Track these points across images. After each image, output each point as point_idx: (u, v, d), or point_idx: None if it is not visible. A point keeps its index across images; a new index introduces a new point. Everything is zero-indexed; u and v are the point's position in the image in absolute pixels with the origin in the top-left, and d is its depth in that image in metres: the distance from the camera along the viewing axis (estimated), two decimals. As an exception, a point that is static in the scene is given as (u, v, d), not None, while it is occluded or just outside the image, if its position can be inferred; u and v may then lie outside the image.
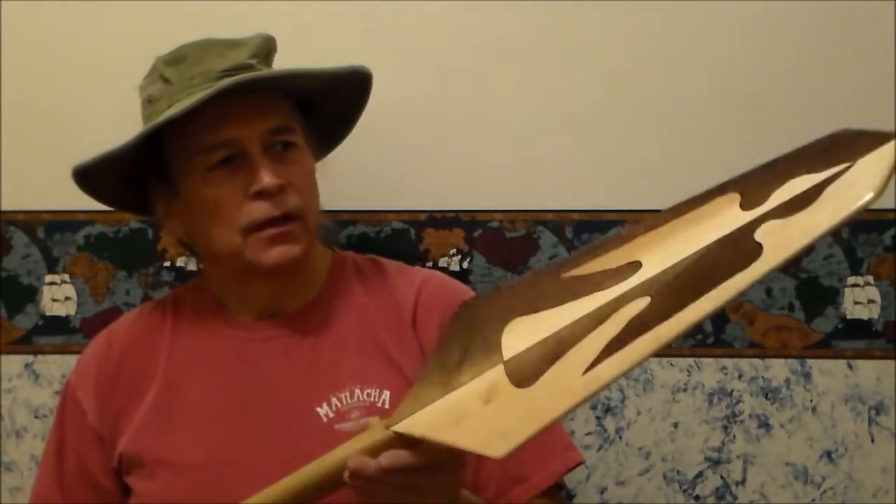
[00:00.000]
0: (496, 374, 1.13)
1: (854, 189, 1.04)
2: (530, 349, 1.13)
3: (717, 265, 1.08)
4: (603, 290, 1.12)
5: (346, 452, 1.16)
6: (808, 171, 1.07)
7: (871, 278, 1.66)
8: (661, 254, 1.11)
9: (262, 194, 1.38)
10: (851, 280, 1.66)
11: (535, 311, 1.14)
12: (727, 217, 1.09)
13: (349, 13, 1.69)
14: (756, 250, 1.06)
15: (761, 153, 1.11)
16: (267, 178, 1.38)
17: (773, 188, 1.08)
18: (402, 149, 1.71)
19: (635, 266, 1.12)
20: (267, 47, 1.47)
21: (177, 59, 1.45)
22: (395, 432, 1.15)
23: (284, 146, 1.42)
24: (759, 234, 1.07)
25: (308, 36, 1.59)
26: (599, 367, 1.07)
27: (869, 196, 1.02)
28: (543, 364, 1.11)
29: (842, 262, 1.66)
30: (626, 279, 1.11)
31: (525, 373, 1.12)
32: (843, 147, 1.07)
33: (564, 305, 1.13)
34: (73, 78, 1.73)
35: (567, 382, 1.08)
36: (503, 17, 1.68)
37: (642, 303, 1.09)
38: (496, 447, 1.07)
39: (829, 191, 1.06)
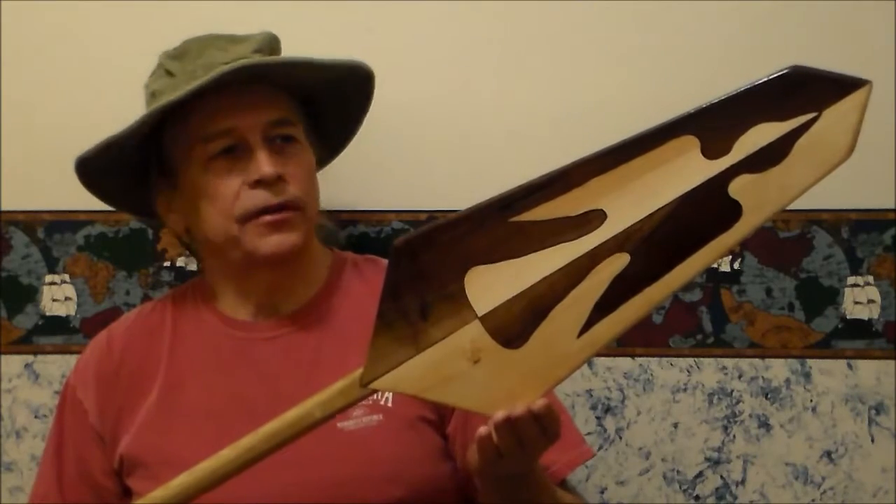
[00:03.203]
0: (476, 332, 1.13)
1: (826, 147, 1.08)
2: (507, 304, 1.13)
3: (695, 222, 1.10)
4: (569, 241, 1.12)
5: (314, 405, 1.18)
6: (770, 119, 1.09)
7: (871, 278, 1.66)
8: (626, 203, 1.11)
9: (260, 183, 1.40)
10: (851, 280, 1.66)
11: (495, 261, 1.14)
12: (690, 165, 1.10)
13: (352, 13, 1.69)
14: (734, 209, 1.09)
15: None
16: (266, 167, 1.40)
17: (735, 135, 1.10)
18: (402, 149, 1.71)
19: (599, 215, 1.12)
20: (270, 45, 1.49)
21: (180, 53, 1.47)
22: (373, 390, 1.16)
23: (284, 139, 1.44)
24: (734, 191, 1.10)
25: (310, 36, 1.59)
26: (594, 329, 1.11)
27: (843, 156, 1.08)
28: (528, 322, 1.12)
29: (842, 262, 1.66)
30: (593, 230, 1.12)
31: (510, 331, 1.13)
32: (803, 91, 1.09)
33: (529, 256, 1.13)
34: (73, 78, 1.74)
35: (563, 345, 1.11)
36: (505, 17, 1.68)
37: (622, 260, 1.11)
38: (503, 409, 1.11)
39: (800, 145, 1.08)
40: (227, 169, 1.41)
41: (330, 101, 1.52)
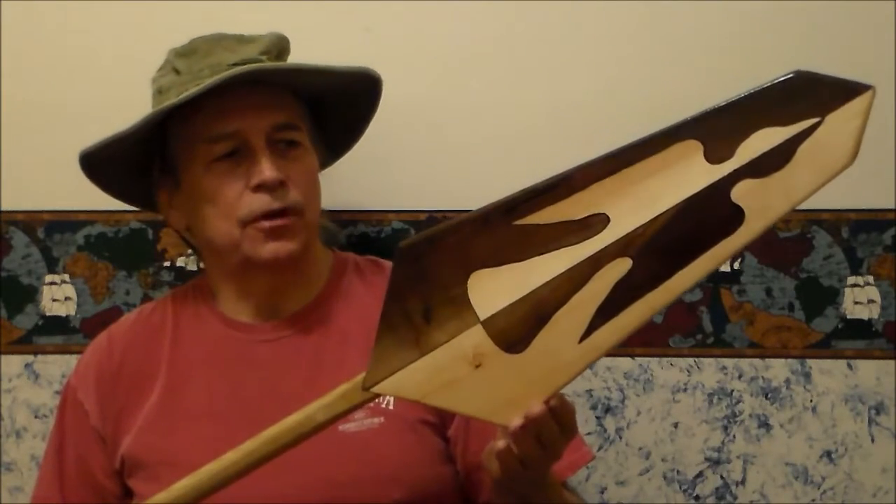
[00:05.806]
0: (478, 336, 1.13)
1: (829, 152, 1.08)
2: (510, 309, 1.13)
3: (698, 227, 1.10)
4: (572, 245, 1.12)
5: (316, 409, 1.18)
6: (773, 124, 1.09)
7: (871, 278, 1.66)
8: (629, 207, 1.11)
9: (262, 187, 1.39)
10: (851, 280, 1.66)
11: (498, 264, 1.14)
12: (694, 169, 1.11)
13: (350, 12, 1.69)
14: (737, 214, 1.09)
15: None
16: (269, 172, 1.39)
17: (738, 140, 1.10)
18: (402, 149, 1.70)
19: (602, 219, 1.12)
20: (279, 46, 1.48)
21: (188, 51, 1.47)
22: (375, 394, 1.16)
23: (288, 143, 1.43)
24: (737, 196, 1.10)
25: (308, 35, 1.59)
26: (595, 334, 1.11)
27: (846, 161, 1.07)
28: (530, 327, 1.12)
29: (842, 262, 1.66)
30: (596, 234, 1.12)
31: (512, 336, 1.13)
32: (805, 96, 1.09)
33: (533, 260, 1.13)
34: (74, 77, 1.73)
35: (564, 351, 1.11)
36: (504, 17, 1.68)
37: (624, 265, 1.11)
38: (504, 416, 1.11)
39: (802, 151, 1.08)
40: (229, 171, 1.41)
41: (337, 105, 1.51)
